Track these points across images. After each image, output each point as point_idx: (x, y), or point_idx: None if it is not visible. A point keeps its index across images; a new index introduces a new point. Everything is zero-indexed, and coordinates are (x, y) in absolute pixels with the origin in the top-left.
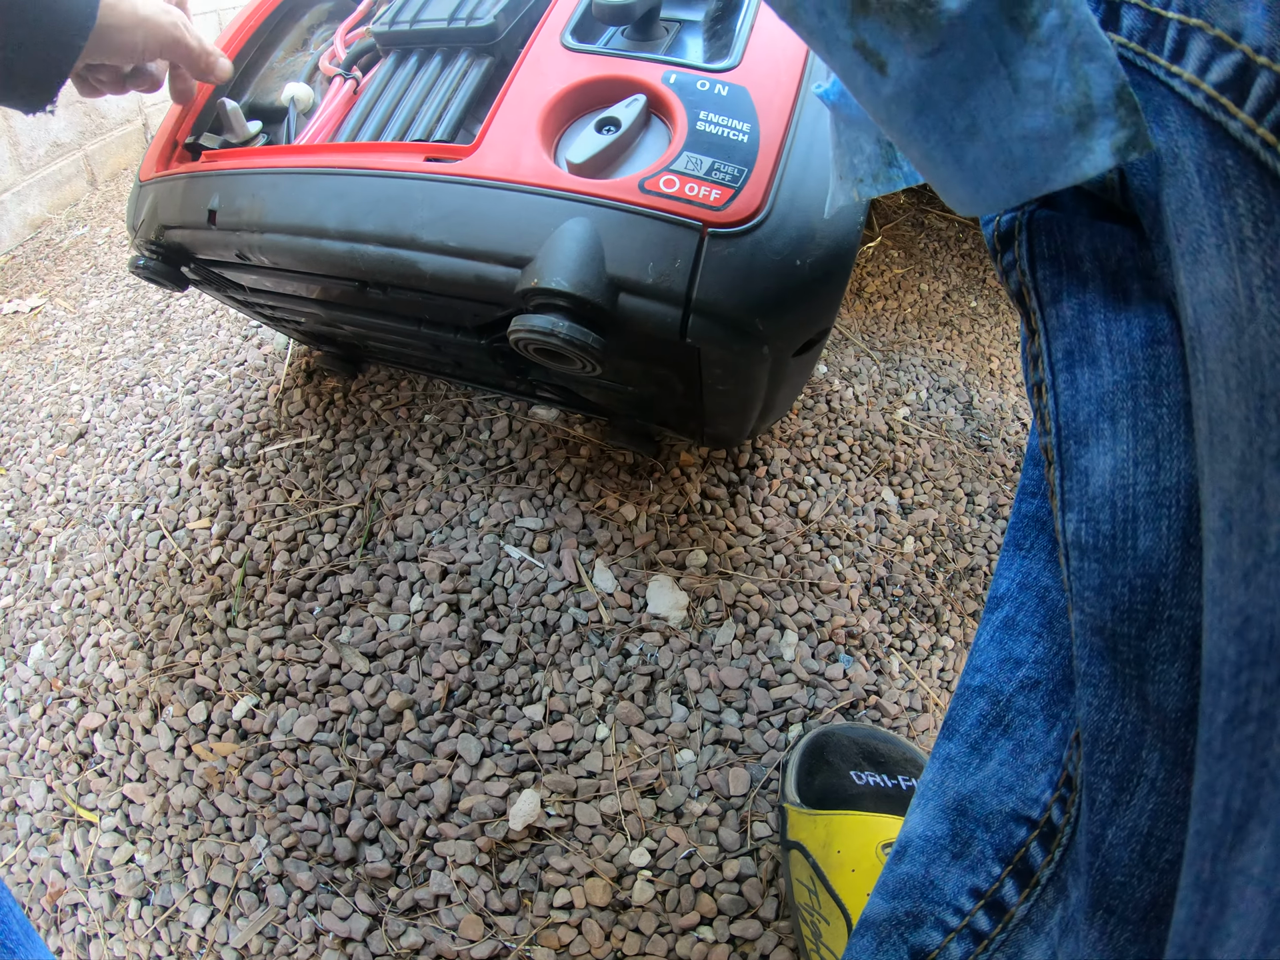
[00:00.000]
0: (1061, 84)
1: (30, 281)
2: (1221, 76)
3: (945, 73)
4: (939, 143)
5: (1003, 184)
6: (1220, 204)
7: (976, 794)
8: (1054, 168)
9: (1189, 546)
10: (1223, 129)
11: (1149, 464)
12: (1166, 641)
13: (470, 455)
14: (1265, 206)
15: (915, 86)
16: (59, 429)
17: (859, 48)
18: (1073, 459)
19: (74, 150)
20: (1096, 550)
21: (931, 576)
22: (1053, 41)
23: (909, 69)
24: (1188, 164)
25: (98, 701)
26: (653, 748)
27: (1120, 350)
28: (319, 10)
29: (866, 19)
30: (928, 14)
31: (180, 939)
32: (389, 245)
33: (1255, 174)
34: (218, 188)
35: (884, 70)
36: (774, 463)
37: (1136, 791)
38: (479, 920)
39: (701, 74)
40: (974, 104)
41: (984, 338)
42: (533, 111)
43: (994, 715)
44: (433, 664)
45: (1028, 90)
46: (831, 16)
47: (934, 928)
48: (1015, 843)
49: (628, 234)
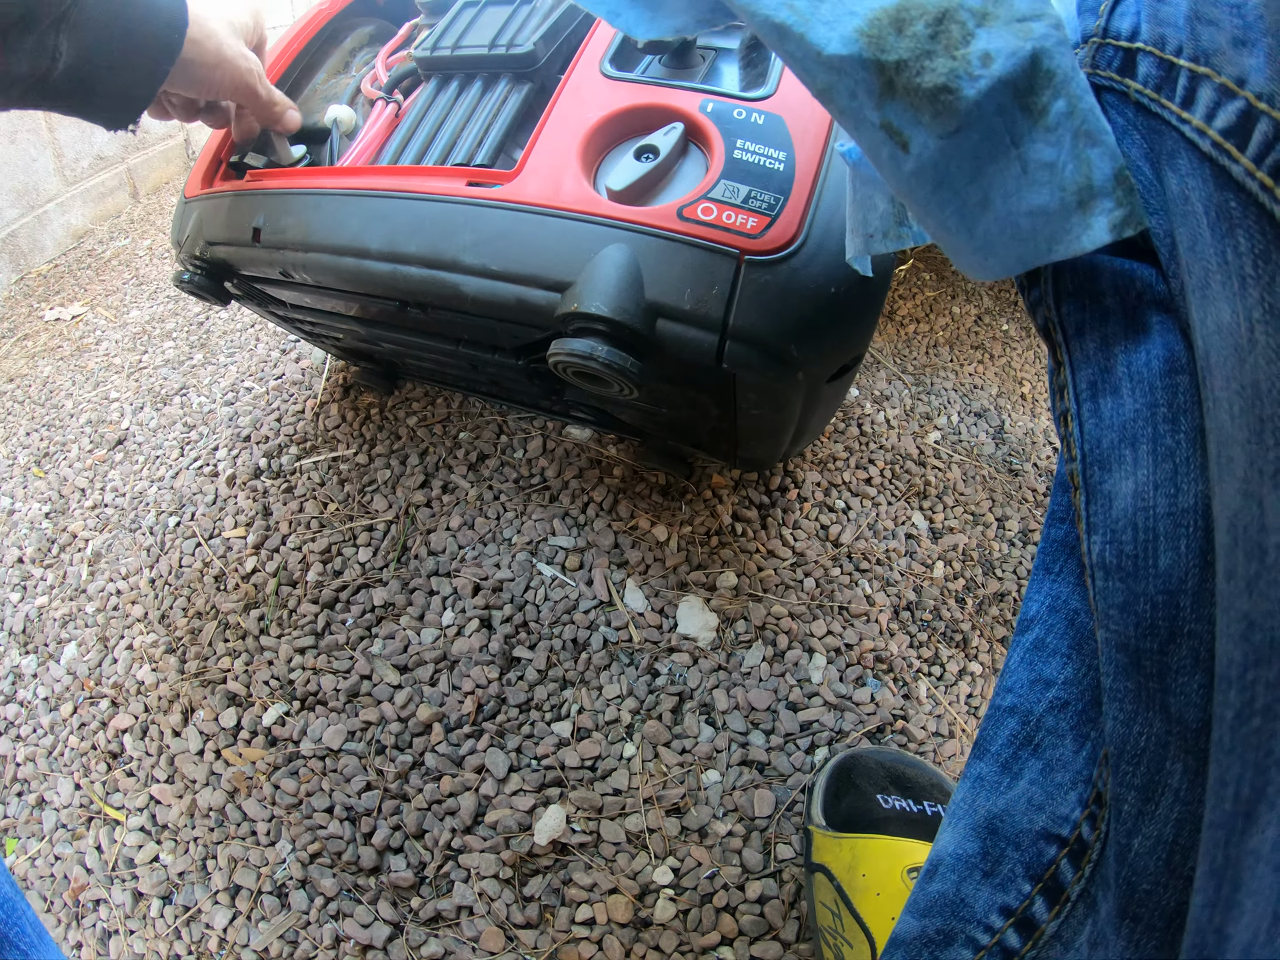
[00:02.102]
0: (1066, 166)
1: (72, 290)
2: (1226, 123)
3: (962, 152)
4: (954, 214)
5: (1010, 253)
6: (1225, 243)
7: (1007, 813)
8: (1057, 240)
9: (1206, 564)
10: (1227, 173)
11: (1168, 487)
12: (1187, 655)
13: (504, 473)
14: (1264, 245)
15: (934, 164)
16: (98, 435)
17: (885, 127)
18: (1097, 484)
19: (117, 164)
20: (1120, 570)
21: (961, 602)
22: (1060, 128)
23: (929, 148)
24: (1197, 205)
25: (129, 703)
26: (679, 767)
27: (1140, 380)
28: (360, 34)
29: (893, 102)
30: (949, 100)
31: (201, 939)
32: (431, 267)
33: (1255, 215)
34: (263, 206)
35: (907, 148)
36: (805, 486)
37: (1161, 801)
38: (500, 933)
39: (738, 103)
40: (987, 181)
41: (1015, 361)
42: (573, 138)
43: (1024, 735)
44: (463, 678)
45: (1036, 170)
46: (861, 98)
47: (964, 945)
48: (1045, 860)
49: (666, 260)
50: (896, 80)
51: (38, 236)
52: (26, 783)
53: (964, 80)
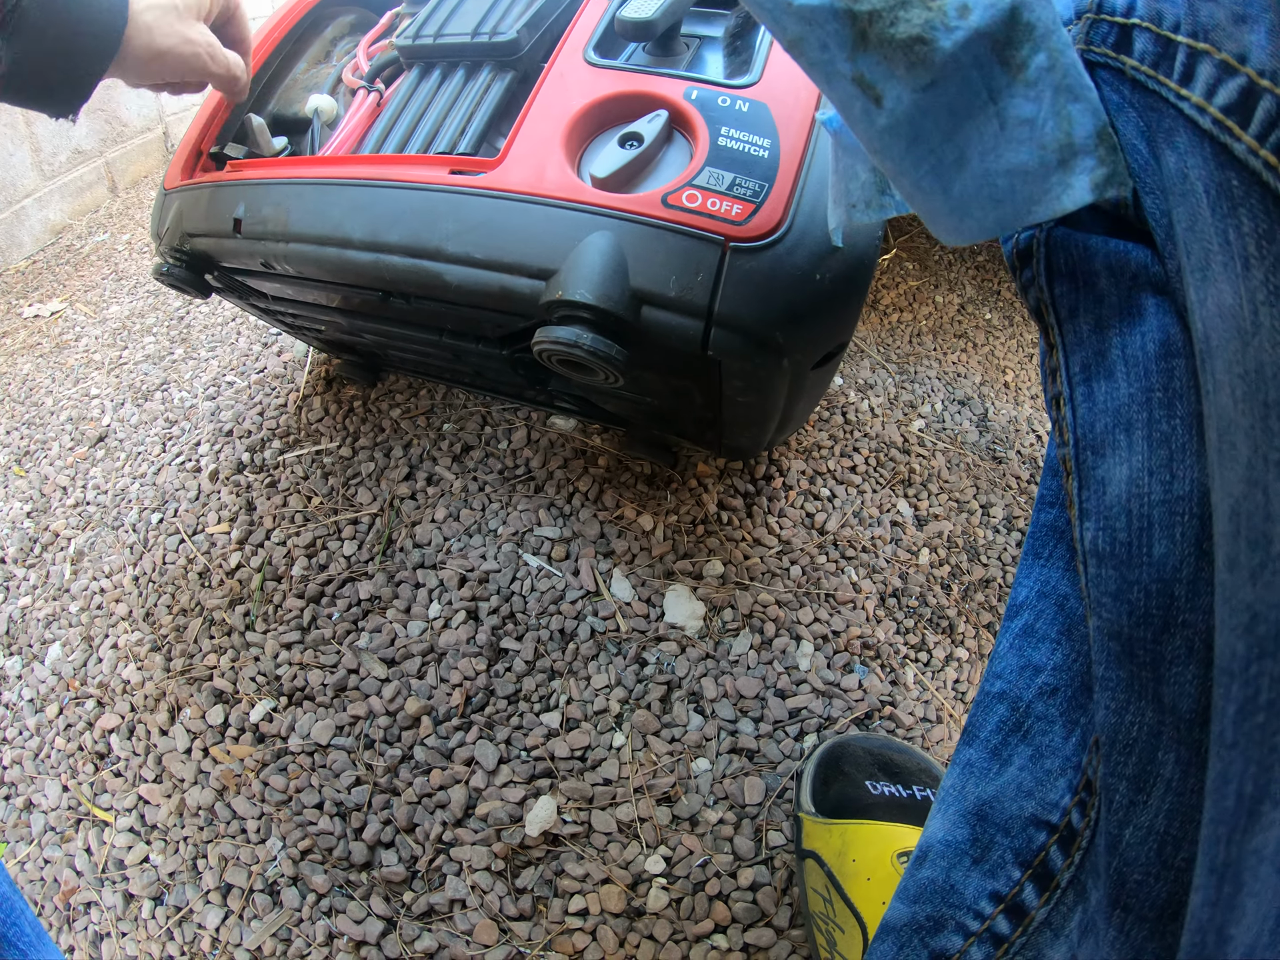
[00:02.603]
0: (1046, 122)
1: (51, 286)
2: (1227, 100)
3: (937, 107)
4: (928, 173)
5: (987, 215)
6: (1226, 223)
7: (996, 799)
8: (1036, 201)
9: (1201, 553)
10: (1228, 151)
11: (1163, 473)
12: (1181, 645)
13: (489, 464)
14: (1268, 225)
15: (909, 119)
16: (79, 432)
17: (857, 81)
18: (1090, 469)
19: (95, 157)
20: (1113, 557)
21: (946, 588)
22: (1040, 82)
23: (903, 102)
24: (1196, 184)
25: (115, 702)
26: (669, 756)
27: (1135, 364)
28: (341, 23)
29: (866, 54)
30: (924, 51)
31: (193, 940)
32: (414, 256)
33: (1258, 194)
34: (243, 197)
35: (880, 103)
36: (790, 474)
37: (1153, 792)
38: (494, 925)
39: (722, 90)
40: (963, 138)
41: (999, 350)
42: (557, 126)
43: (1014, 721)
44: (451, 670)
45: (1014, 127)
46: (833, 50)
47: (954, 932)
48: (1035, 847)
49: (651, 248)
50: (869, 31)
51: (15, 232)
52: (13, 786)
53: (940, 31)
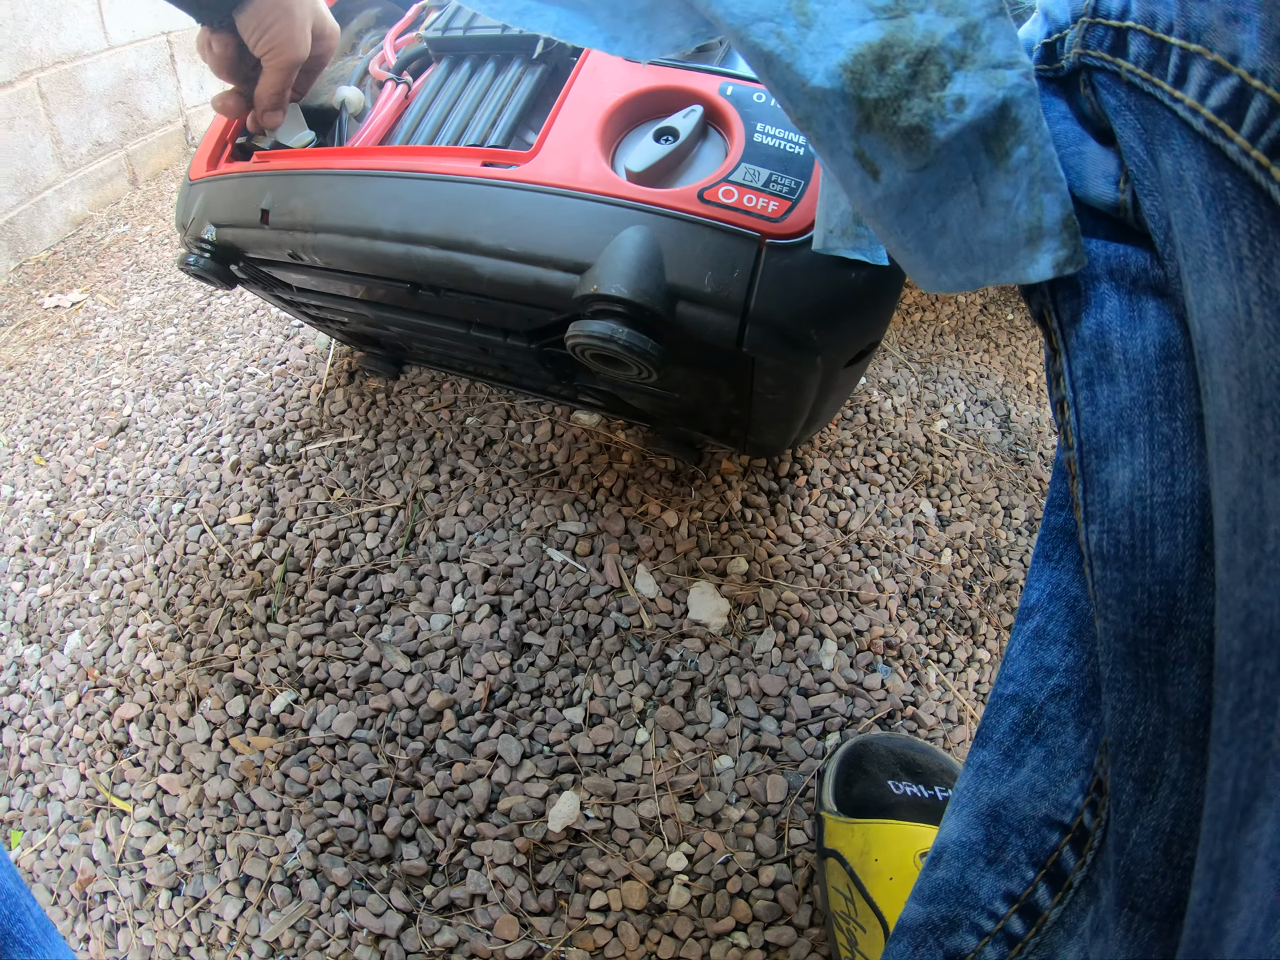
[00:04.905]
0: (1021, 205)
1: (71, 277)
2: (1220, 101)
3: (928, 186)
4: (914, 237)
5: (961, 273)
6: (1220, 224)
7: (1010, 800)
8: (1005, 268)
9: (1203, 554)
10: (1221, 152)
11: (1165, 476)
12: (1184, 645)
13: (512, 458)
14: (1260, 226)
15: (901, 193)
16: (100, 422)
17: (858, 156)
18: (1094, 472)
19: (115, 150)
20: (1117, 559)
21: (969, 589)
22: (1019, 171)
23: (898, 179)
24: (1191, 186)
25: (134, 692)
26: (692, 753)
27: (1136, 367)
28: (366, 15)
29: (869, 135)
30: (921, 139)
31: (211, 930)
32: (447, 248)
33: (1251, 195)
34: (271, 187)
35: (877, 177)
36: (814, 472)
37: (1159, 792)
38: (514, 920)
39: (757, 86)
40: (947, 211)
41: (1021, 351)
42: (591, 119)
43: (1026, 723)
44: (474, 664)
45: (993, 206)
46: (839, 129)
47: (969, 932)
48: (1048, 847)
49: (687, 243)
50: (874, 116)
51: (36, 223)
52: (31, 774)
53: (937, 122)
